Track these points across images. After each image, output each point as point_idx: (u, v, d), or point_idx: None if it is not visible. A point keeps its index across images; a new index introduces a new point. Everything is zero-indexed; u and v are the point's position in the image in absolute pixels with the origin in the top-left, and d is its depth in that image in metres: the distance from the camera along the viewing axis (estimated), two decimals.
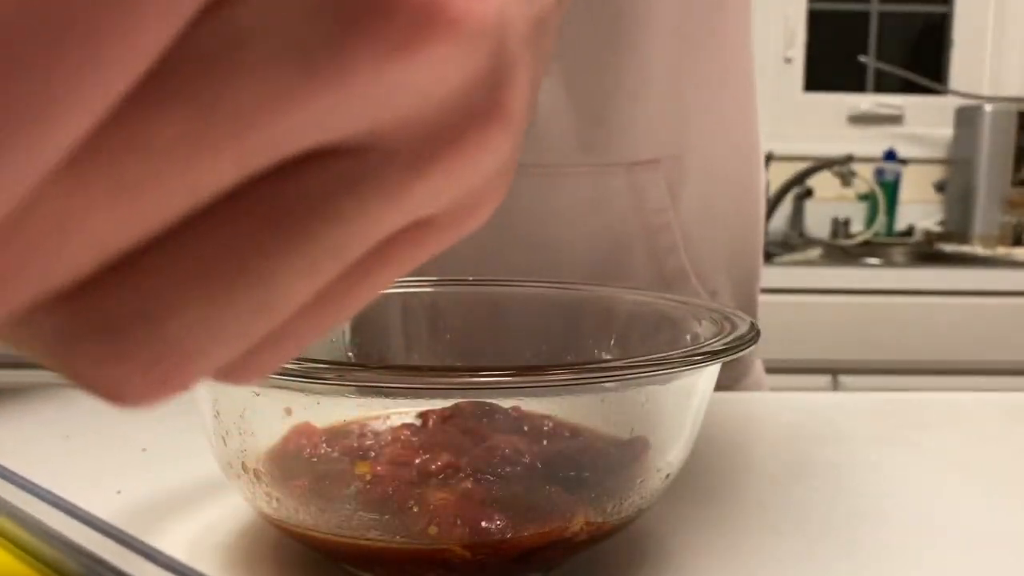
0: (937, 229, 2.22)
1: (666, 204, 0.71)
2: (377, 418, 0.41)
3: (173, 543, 0.38)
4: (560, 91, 0.68)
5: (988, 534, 0.43)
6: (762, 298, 1.79)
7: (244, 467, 0.35)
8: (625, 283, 0.71)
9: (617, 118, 0.69)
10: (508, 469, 0.35)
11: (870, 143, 2.21)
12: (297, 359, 0.32)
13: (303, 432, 0.38)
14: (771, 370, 0.82)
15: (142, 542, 0.20)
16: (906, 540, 0.41)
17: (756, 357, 0.81)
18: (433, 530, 0.32)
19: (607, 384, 0.34)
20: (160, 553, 0.20)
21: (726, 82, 0.75)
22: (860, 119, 2.25)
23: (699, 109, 0.72)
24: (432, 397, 0.39)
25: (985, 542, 0.42)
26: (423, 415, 0.40)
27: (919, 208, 2.25)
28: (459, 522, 0.32)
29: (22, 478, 0.25)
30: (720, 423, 0.56)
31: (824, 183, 2.16)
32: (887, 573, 0.39)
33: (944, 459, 0.54)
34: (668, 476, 0.38)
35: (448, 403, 0.39)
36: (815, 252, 2.03)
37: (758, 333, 0.38)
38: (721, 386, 0.78)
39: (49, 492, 0.24)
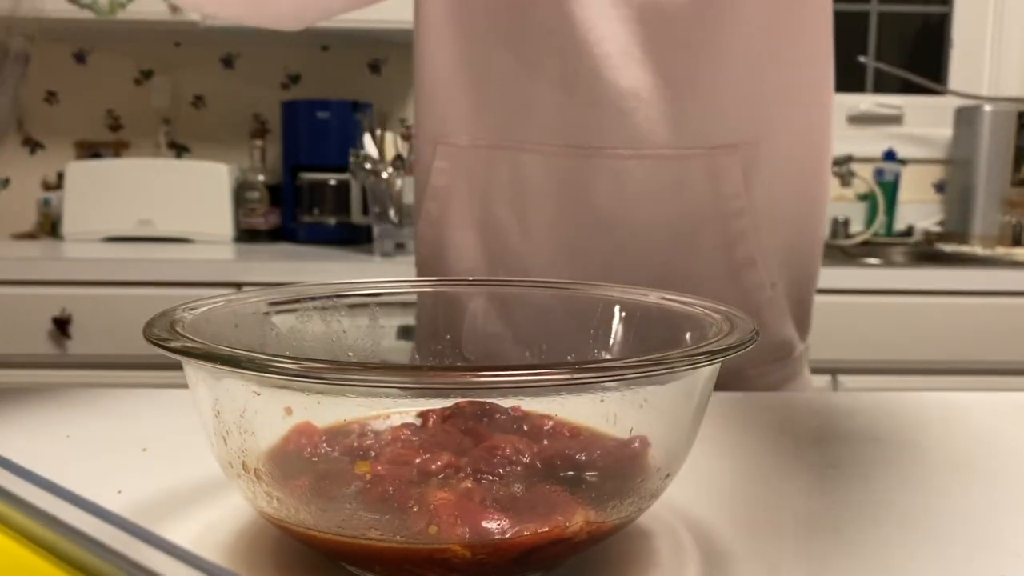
0: (936, 229, 2.22)
1: (740, 190, 0.72)
2: (377, 418, 0.41)
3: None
4: (648, 76, 0.69)
5: (988, 533, 0.43)
6: None
7: (244, 467, 0.35)
8: (696, 270, 0.73)
9: (701, 102, 0.71)
10: (508, 469, 0.35)
11: (870, 143, 2.21)
12: (297, 359, 0.32)
13: (303, 432, 0.38)
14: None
15: (151, 532, 0.20)
16: (906, 540, 0.41)
17: (805, 360, 0.82)
18: (433, 530, 0.32)
19: (607, 384, 0.34)
20: (168, 542, 0.20)
21: (804, 70, 0.75)
22: (860, 119, 2.25)
23: (778, 95, 0.73)
24: (432, 397, 0.39)
25: (986, 541, 0.42)
26: (423, 415, 0.40)
27: (918, 208, 2.25)
28: (459, 522, 0.32)
29: (27, 471, 0.25)
30: (720, 423, 0.56)
31: None
32: (887, 573, 0.39)
33: (944, 459, 0.54)
34: (668, 476, 0.38)
35: (448, 403, 0.39)
36: None
37: (757, 333, 0.38)
38: (770, 387, 0.79)
39: (55, 484, 0.24)
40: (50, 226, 2.22)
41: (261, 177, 2.16)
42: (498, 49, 0.73)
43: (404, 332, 0.48)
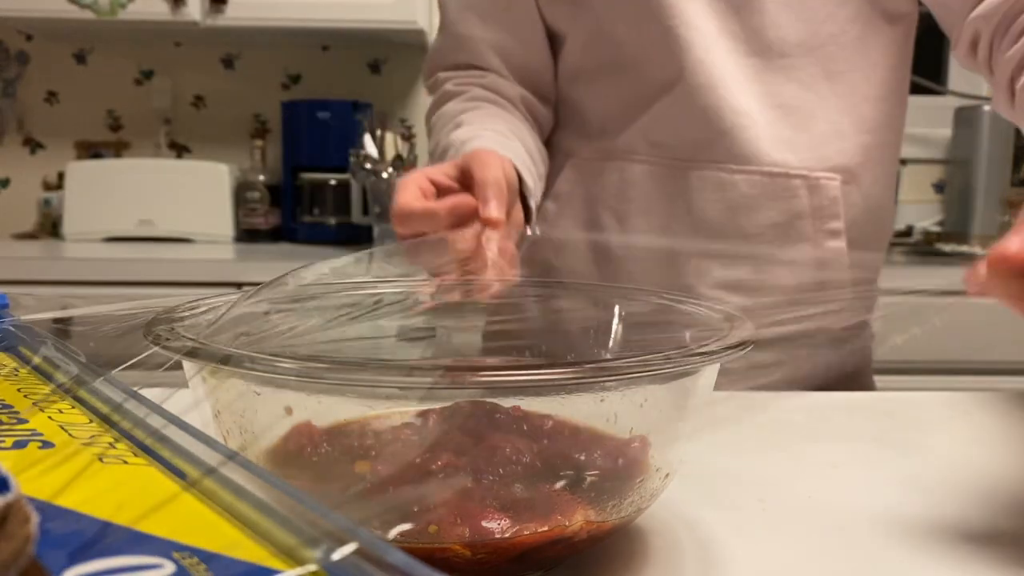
0: (936, 229, 2.22)
1: (837, 211, 0.79)
2: (377, 418, 0.41)
3: None
4: (756, 100, 0.77)
5: (988, 533, 0.43)
6: None
7: None
8: (784, 282, 0.79)
9: (806, 129, 0.78)
10: (508, 469, 0.35)
11: None
12: (297, 359, 0.32)
13: (303, 432, 0.38)
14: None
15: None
16: (906, 540, 0.41)
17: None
18: (433, 529, 0.32)
19: (607, 384, 0.34)
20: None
21: (892, 108, 0.82)
22: None
23: (872, 132, 0.80)
24: (432, 397, 0.39)
25: (985, 541, 0.42)
26: (423, 415, 0.40)
27: (918, 208, 2.25)
28: (459, 522, 0.32)
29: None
30: (720, 423, 0.56)
31: None
32: (887, 572, 0.39)
33: (944, 459, 0.54)
34: (668, 476, 0.38)
35: (448, 403, 0.39)
36: None
37: (757, 333, 0.38)
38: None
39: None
40: (50, 226, 2.22)
41: (261, 177, 2.16)
42: (621, 70, 0.81)
43: (404, 332, 0.48)
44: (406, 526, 0.32)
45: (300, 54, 2.31)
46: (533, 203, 0.71)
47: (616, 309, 0.47)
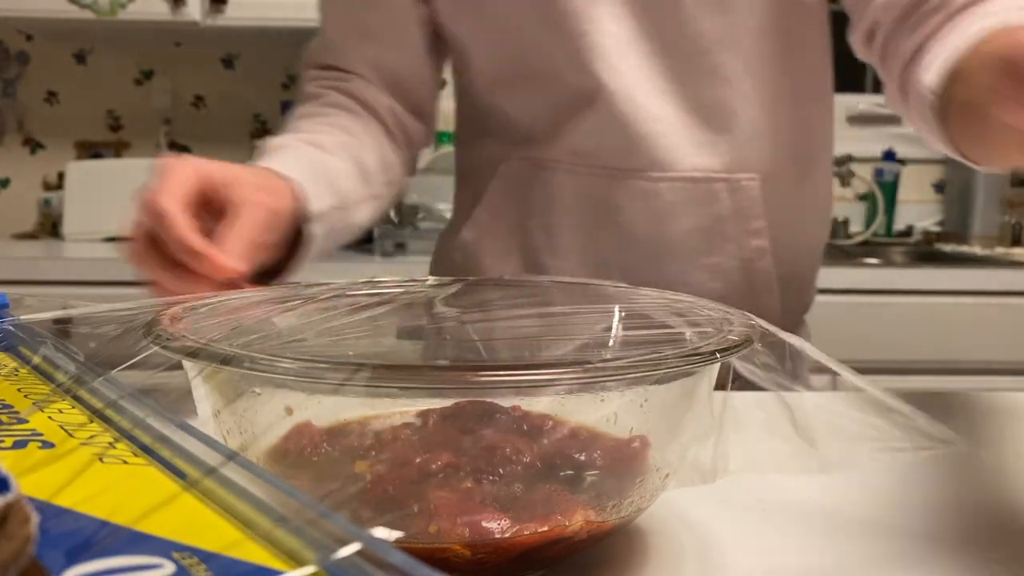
0: (936, 229, 2.22)
1: (759, 212, 0.78)
2: (377, 418, 0.41)
3: None
4: (672, 105, 0.76)
5: (989, 533, 0.43)
6: None
7: None
8: (721, 290, 0.79)
9: (724, 131, 0.77)
10: (508, 469, 0.35)
11: (869, 143, 2.21)
12: (297, 359, 0.32)
13: (303, 432, 0.38)
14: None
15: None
16: (906, 540, 0.41)
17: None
18: (433, 529, 0.32)
19: (607, 384, 0.34)
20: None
21: (811, 107, 0.83)
22: (859, 119, 2.25)
23: (791, 131, 0.80)
24: (432, 397, 0.39)
25: (985, 541, 0.42)
26: (423, 415, 0.40)
27: (918, 208, 2.25)
28: (459, 522, 0.32)
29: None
30: (719, 423, 0.56)
31: None
32: (887, 572, 0.39)
33: (944, 459, 0.54)
34: (668, 476, 0.38)
35: (448, 403, 0.39)
36: None
37: (756, 333, 0.38)
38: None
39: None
40: (50, 226, 2.22)
41: None
42: (536, 78, 0.79)
43: (404, 332, 0.48)
44: (404, 529, 0.32)
45: (300, 54, 2.30)
46: (319, 228, 0.68)
47: (616, 308, 0.47)
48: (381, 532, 0.18)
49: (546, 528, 0.33)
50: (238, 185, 0.58)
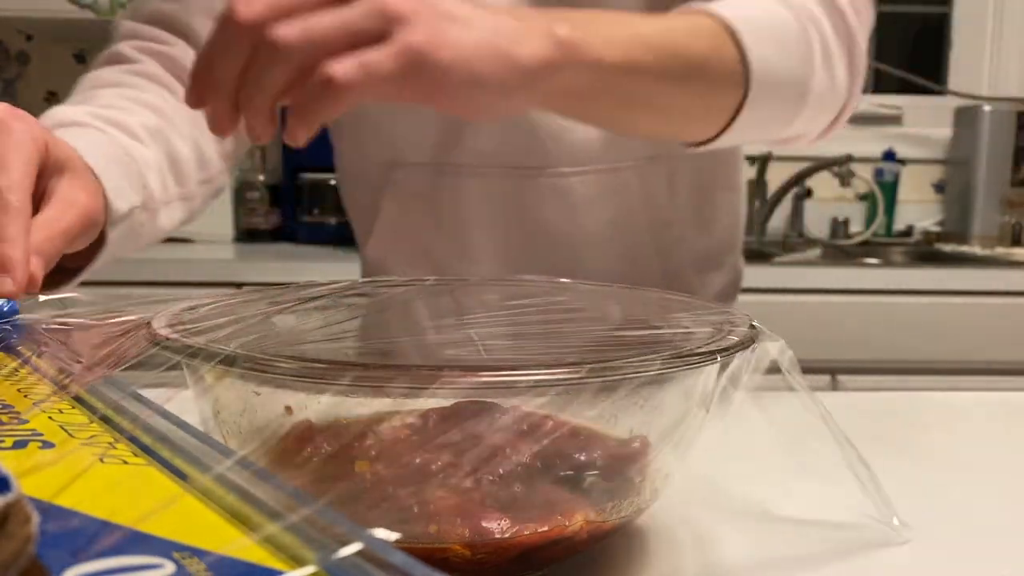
0: (936, 229, 2.22)
1: (666, 200, 0.77)
2: (377, 418, 0.41)
3: None
4: None
5: (988, 533, 0.43)
6: (761, 298, 1.78)
7: None
8: (638, 279, 0.76)
9: None
10: (508, 469, 0.35)
11: (869, 143, 2.21)
12: (297, 359, 0.32)
13: (303, 432, 0.38)
14: (770, 370, 0.82)
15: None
16: (906, 540, 0.41)
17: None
18: (433, 529, 0.32)
19: (607, 384, 0.34)
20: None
21: None
22: (859, 119, 2.24)
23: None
24: (432, 397, 0.39)
25: (985, 540, 0.42)
26: (423, 415, 0.40)
27: (918, 208, 2.25)
28: (459, 522, 0.32)
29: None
30: (720, 423, 0.56)
31: (823, 183, 2.16)
32: (887, 572, 0.39)
33: (944, 459, 0.54)
34: (668, 476, 0.38)
35: (448, 403, 0.39)
36: (814, 252, 2.03)
37: (757, 333, 0.38)
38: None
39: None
40: None
41: (261, 177, 2.16)
42: None
43: (404, 332, 0.48)
44: (404, 530, 0.32)
45: None
46: (116, 233, 0.57)
47: (616, 308, 0.47)
48: (381, 532, 0.18)
49: (546, 528, 0.33)
50: (67, 176, 0.49)
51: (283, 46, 0.39)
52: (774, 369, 0.40)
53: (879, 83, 2.30)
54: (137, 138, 0.61)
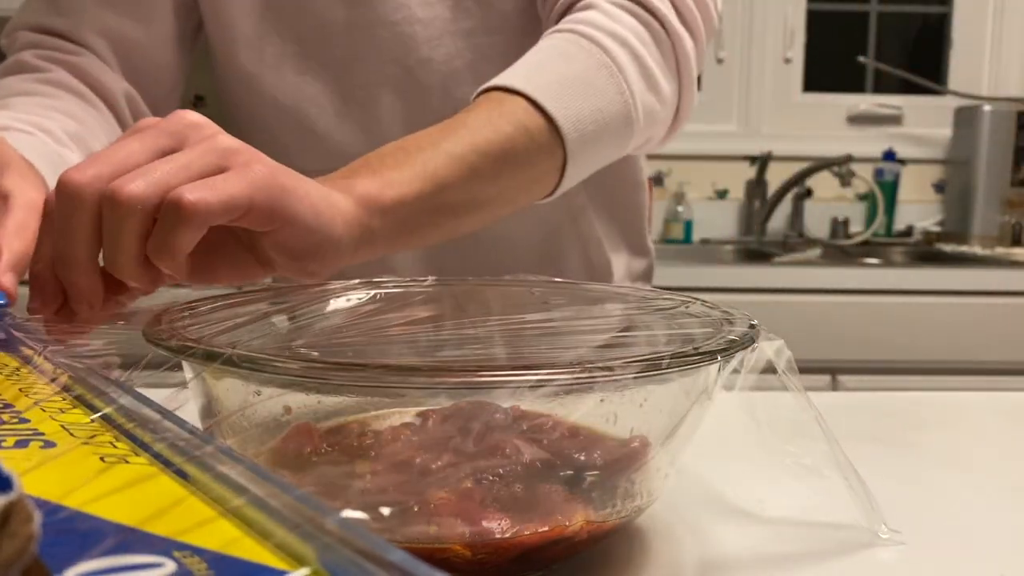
0: (936, 229, 2.22)
1: (583, 199, 0.77)
2: (377, 418, 0.41)
3: None
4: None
5: (988, 533, 0.43)
6: (761, 298, 1.78)
7: None
8: (560, 268, 0.78)
9: None
10: (508, 469, 0.35)
11: (869, 143, 2.21)
12: (297, 359, 0.32)
13: (303, 432, 0.38)
14: (769, 370, 0.82)
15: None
16: (906, 540, 0.41)
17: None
18: (433, 529, 0.32)
19: (606, 384, 0.34)
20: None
21: None
22: (859, 119, 2.25)
23: None
24: (432, 397, 0.39)
25: (985, 540, 0.42)
26: (423, 415, 0.40)
27: (918, 208, 2.25)
28: (459, 522, 0.32)
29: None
30: (721, 422, 0.56)
31: (823, 183, 2.16)
32: (886, 572, 0.39)
33: (944, 459, 0.54)
34: (668, 476, 0.39)
35: (448, 403, 0.39)
36: (814, 252, 2.03)
37: (757, 333, 0.38)
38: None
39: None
40: None
41: None
42: (340, 72, 0.73)
43: (404, 332, 0.48)
44: (402, 530, 0.32)
45: None
46: None
47: (615, 307, 0.47)
48: (348, 512, 0.18)
49: (546, 528, 0.33)
50: (15, 174, 0.48)
51: (127, 198, 0.38)
52: (770, 369, 0.40)
53: (879, 83, 2.31)
54: (62, 143, 0.60)
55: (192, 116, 0.43)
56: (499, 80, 0.56)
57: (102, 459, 0.24)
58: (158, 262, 0.39)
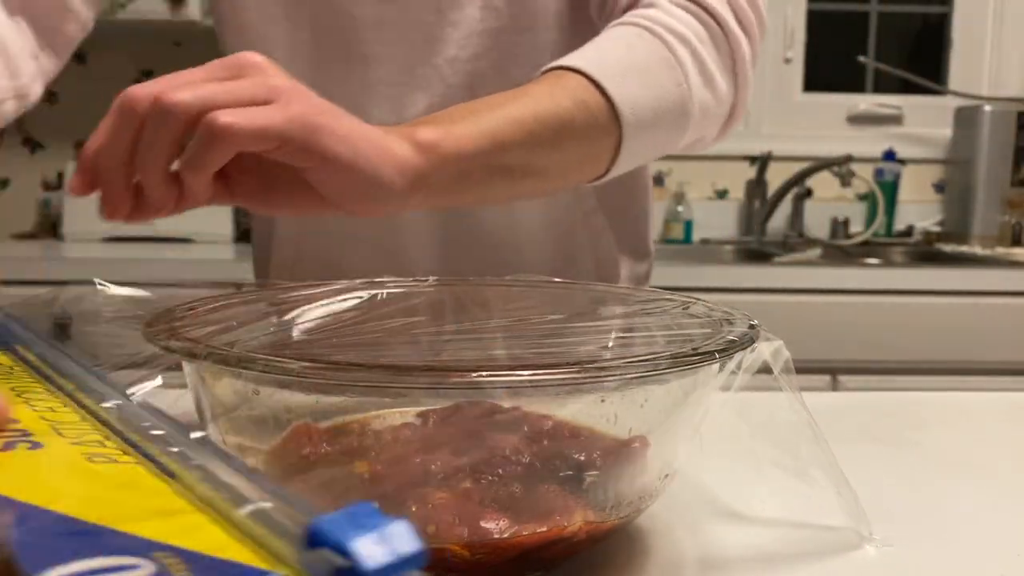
0: (936, 229, 2.22)
1: (594, 201, 0.78)
2: (377, 418, 0.41)
3: None
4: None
5: (988, 533, 0.43)
6: (761, 298, 1.78)
7: None
8: (573, 271, 0.78)
9: None
10: (508, 469, 0.35)
11: (869, 143, 2.20)
12: (297, 359, 0.32)
13: (303, 432, 0.38)
14: (762, 370, 0.82)
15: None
16: (906, 540, 0.41)
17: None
18: (433, 529, 0.32)
19: (607, 384, 0.34)
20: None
21: None
22: (859, 119, 2.24)
23: None
24: (432, 397, 0.39)
25: (985, 540, 0.42)
26: (423, 415, 0.40)
27: (918, 208, 2.25)
28: (459, 522, 0.32)
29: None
30: (720, 423, 0.56)
31: (823, 183, 2.16)
32: (886, 572, 0.39)
33: (944, 459, 0.54)
34: (668, 476, 0.38)
35: (448, 403, 0.39)
36: (814, 252, 2.03)
37: (757, 333, 0.38)
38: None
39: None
40: (50, 226, 2.22)
41: None
42: (363, 68, 0.73)
43: (404, 332, 0.48)
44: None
45: None
46: None
47: (614, 307, 0.47)
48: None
49: (545, 528, 0.33)
50: None
51: (173, 105, 0.42)
52: (767, 370, 0.40)
53: (879, 83, 2.30)
54: None
55: (256, 57, 0.45)
56: (561, 61, 0.57)
57: (89, 459, 0.24)
58: (185, 174, 0.42)
